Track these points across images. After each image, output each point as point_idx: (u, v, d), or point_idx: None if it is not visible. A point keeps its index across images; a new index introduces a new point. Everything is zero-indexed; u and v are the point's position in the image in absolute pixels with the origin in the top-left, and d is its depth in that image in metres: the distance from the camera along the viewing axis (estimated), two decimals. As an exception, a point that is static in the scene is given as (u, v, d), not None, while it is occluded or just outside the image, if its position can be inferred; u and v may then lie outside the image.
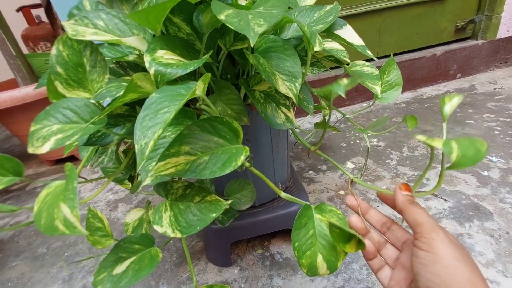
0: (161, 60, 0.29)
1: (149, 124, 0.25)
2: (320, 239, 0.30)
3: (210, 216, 0.29)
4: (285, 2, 0.25)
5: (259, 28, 0.22)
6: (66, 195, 0.26)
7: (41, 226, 0.26)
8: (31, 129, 0.31)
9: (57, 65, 0.32)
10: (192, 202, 0.31)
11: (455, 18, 1.28)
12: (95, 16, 0.32)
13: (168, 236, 0.30)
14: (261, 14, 0.25)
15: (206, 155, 0.28)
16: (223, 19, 0.24)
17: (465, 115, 1.02)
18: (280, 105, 0.34)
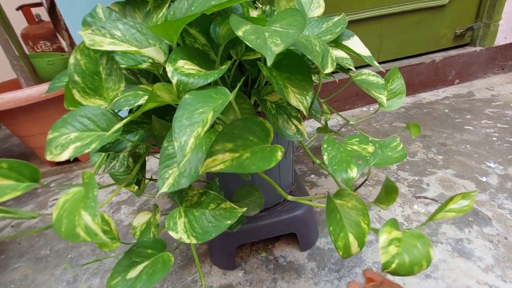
0: (183, 70, 0.30)
1: (186, 123, 0.26)
2: (346, 220, 0.30)
3: (225, 223, 0.30)
4: (301, 22, 0.26)
5: (276, 47, 0.23)
6: (87, 203, 0.27)
7: (62, 232, 0.27)
8: (49, 137, 0.31)
9: (74, 74, 0.33)
10: (207, 209, 0.32)
11: (454, 25, 1.30)
12: (112, 26, 0.32)
13: (183, 242, 0.30)
14: (278, 33, 0.26)
15: (247, 152, 0.29)
16: (241, 35, 0.25)
17: (463, 121, 1.03)
18: (291, 117, 0.35)
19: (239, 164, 0.29)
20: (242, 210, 0.30)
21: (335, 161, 0.32)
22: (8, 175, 0.31)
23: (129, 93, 0.32)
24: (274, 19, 0.31)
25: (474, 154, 0.85)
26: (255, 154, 0.30)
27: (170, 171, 0.30)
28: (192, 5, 0.31)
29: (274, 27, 0.27)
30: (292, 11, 0.29)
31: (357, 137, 0.35)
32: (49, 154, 0.30)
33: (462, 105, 1.16)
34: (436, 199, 0.71)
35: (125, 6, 0.43)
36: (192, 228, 0.31)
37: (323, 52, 0.32)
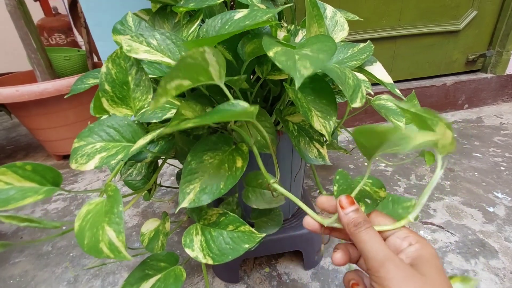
0: (209, 89, 0.30)
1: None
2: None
3: (243, 247, 0.30)
4: (332, 48, 0.26)
5: (305, 70, 0.24)
6: (112, 218, 0.27)
7: (85, 245, 0.27)
8: (75, 145, 0.32)
9: (105, 83, 0.33)
10: (225, 230, 0.32)
11: (467, 51, 1.31)
12: (150, 35, 0.33)
13: (199, 261, 0.30)
14: (308, 57, 0.26)
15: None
16: (272, 56, 0.26)
17: (471, 148, 1.03)
18: (313, 140, 0.35)
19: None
20: (261, 235, 0.30)
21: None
22: (31, 178, 0.31)
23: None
24: (304, 43, 0.31)
25: (482, 182, 0.85)
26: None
27: (192, 186, 0.30)
28: (226, 23, 0.32)
29: (305, 51, 0.28)
30: (323, 37, 0.29)
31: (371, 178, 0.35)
32: (75, 163, 0.31)
33: (470, 130, 1.16)
34: (442, 226, 0.70)
35: (154, 16, 0.43)
36: (209, 247, 0.31)
37: (355, 87, 0.32)
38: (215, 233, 0.32)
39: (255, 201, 0.37)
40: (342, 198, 0.26)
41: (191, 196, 0.30)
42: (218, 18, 0.32)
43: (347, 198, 0.26)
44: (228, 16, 0.32)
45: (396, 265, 0.21)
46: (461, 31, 1.25)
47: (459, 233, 0.68)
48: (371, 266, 0.22)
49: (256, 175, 0.37)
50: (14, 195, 0.30)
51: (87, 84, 0.49)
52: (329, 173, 0.94)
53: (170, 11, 0.45)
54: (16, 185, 0.31)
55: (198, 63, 0.21)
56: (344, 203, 0.25)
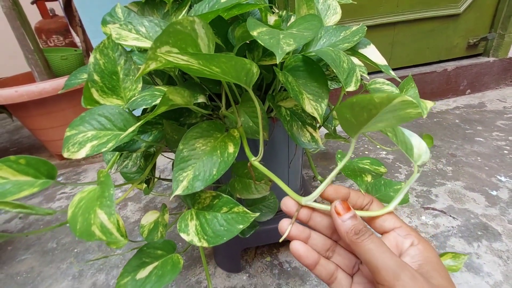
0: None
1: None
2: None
3: (237, 228, 0.30)
4: (316, 26, 0.25)
5: (287, 47, 0.23)
6: (103, 202, 0.27)
7: (77, 230, 0.27)
8: (67, 134, 0.32)
9: (94, 73, 0.33)
10: (219, 212, 0.32)
11: (467, 35, 1.29)
12: (138, 23, 0.33)
13: (194, 244, 0.30)
14: (292, 35, 0.26)
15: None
16: (255, 35, 0.25)
17: (474, 132, 1.02)
18: (306, 124, 0.35)
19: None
20: (255, 215, 0.30)
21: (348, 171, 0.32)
22: (26, 171, 0.31)
23: (146, 93, 0.33)
24: (292, 25, 0.31)
25: (485, 166, 0.84)
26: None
27: (185, 174, 0.30)
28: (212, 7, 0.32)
29: (291, 30, 0.28)
30: (310, 16, 0.29)
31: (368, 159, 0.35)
32: (66, 151, 0.31)
33: (473, 115, 1.15)
34: (444, 211, 0.70)
35: (143, 7, 0.43)
36: (204, 231, 0.31)
37: (349, 70, 0.32)
38: (209, 216, 0.32)
39: (240, 191, 0.37)
40: (337, 204, 0.23)
41: (185, 184, 0.30)
42: (205, 2, 0.32)
43: (343, 204, 0.23)
44: (214, 0, 0.31)
45: (411, 276, 0.19)
46: (461, 14, 1.22)
47: (462, 217, 0.68)
48: (383, 279, 0.20)
49: (243, 164, 0.37)
50: (10, 188, 0.30)
51: (80, 79, 0.49)
52: (329, 163, 0.94)
53: (159, 1, 0.44)
54: (12, 179, 0.31)
55: (187, 32, 0.20)
56: (340, 209, 0.23)
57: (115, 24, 0.34)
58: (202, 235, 0.31)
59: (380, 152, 0.96)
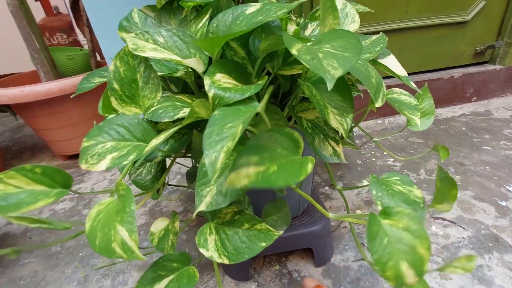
0: (220, 84, 0.29)
1: (216, 138, 0.25)
2: (397, 245, 0.27)
3: (260, 246, 0.29)
4: (357, 46, 0.25)
5: (335, 71, 0.22)
6: (124, 217, 0.26)
7: (96, 246, 0.26)
8: (85, 145, 0.31)
9: (114, 81, 0.32)
10: (240, 228, 0.31)
11: (475, 42, 1.28)
12: (156, 32, 0.32)
13: (214, 260, 0.30)
14: (332, 55, 0.25)
15: (274, 165, 0.28)
16: (296, 54, 0.25)
17: (481, 141, 1.02)
18: (328, 138, 0.34)
19: (265, 178, 0.28)
20: (278, 233, 0.30)
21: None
22: (41, 181, 0.31)
23: (167, 104, 0.32)
24: (321, 39, 0.30)
25: (494, 176, 0.83)
26: (283, 167, 0.29)
27: (208, 189, 0.29)
28: (237, 18, 0.31)
29: (325, 47, 0.27)
30: (342, 32, 0.28)
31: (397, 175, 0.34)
32: (85, 163, 0.30)
33: (479, 123, 1.14)
34: (454, 221, 0.69)
35: (160, 13, 0.42)
36: (224, 247, 0.30)
37: (377, 86, 0.31)
38: (230, 232, 0.31)
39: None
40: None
41: (208, 199, 0.29)
42: (229, 12, 0.31)
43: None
44: (239, 11, 0.30)
45: None
46: (469, 22, 1.22)
47: (472, 228, 0.67)
48: None
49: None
50: (25, 198, 0.29)
51: (93, 83, 0.48)
52: (336, 169, 0.93)
53: (176, 6, 0.44)
54: (27, 188, 0.30)
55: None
56: None
57: (130, 34, 0.33)
58: (223, 251, 0.30)
59: (388, 159, 0.96)
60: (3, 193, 0.29)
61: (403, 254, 0.27)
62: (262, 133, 0.30)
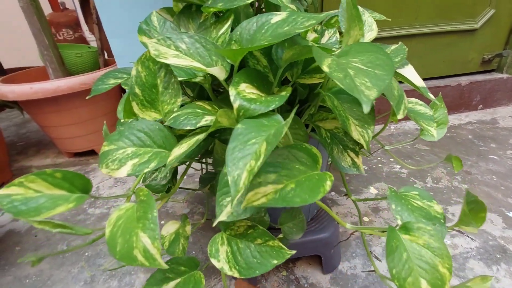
0: (245, 95, 0.29)
1: (239, 155, 0.25)
2: (417, 261, 0.27)
3: (271, 263, 0.29)
4: (388, 63, 0.24)
5: (369, 92, 0.22)
6: (146, 224, 0.26)
7: (117, 252, 0.26)
8: (105, 149, 0.31)
9: (136, 86, 0.32)
10: (252, 243, 0.31)
11: (483, 50, 1.28)
12: (178, 38, 0.32)
13: (225, 272, 0.29)
14: (364, 72, 0.24)
15: (292, 183, 0.28)
16: (327, 71, 0.24)
17: (488, 150, 1.01)
18: (347, 149, 0.34)
19: (282, 197, 0.27)
20: (291, 253, 0.29)
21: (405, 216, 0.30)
22: (61, 185, 0.30)
23: (189, 111, 0.32)
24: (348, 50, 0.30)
25: (501, 186, 0.83)
26: (300, 185, 0.29)
27: (228, 199, 0.29)
28: (262, 27, 0.31)
29: (354, 62, 0.26)
30: (371, 45, 0.28)
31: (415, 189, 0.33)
32: (105, 168, 0.30)
33: (486, 132, 1.14)
34: (462, 231, 0.69)
35: (179, 17, 0.42)
36: (236, 260, 0.30)
37: (399, 98, 0.31)
38: (242, 245, 0.31)
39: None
40: None
41: (229, 209, 0.29)
42: (253, 20, 0.31)
43: None
44: (264, 19, 0.30)
45: None
46: (478, 30, 1.22)
47: (479, 238, 0.67)
48: None
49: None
50: (45, 203, 0.29)
51: (108, 85, 0.48)
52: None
53: (195, 10, 0.43)
54: (46, 192, 0.30)
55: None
56: None
57: (152, 39, 0.33)
58: (234, 264, 0.30)
59: (394, 166, 0.95)
60: (23, 197, 0.29)
61: (423, 272, 0.27)
62: (280, 149, 0.30)
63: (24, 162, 1.11)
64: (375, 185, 0.87)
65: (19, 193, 0.29)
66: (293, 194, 0.28)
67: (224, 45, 0.35)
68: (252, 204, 0.28)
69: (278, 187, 0.28)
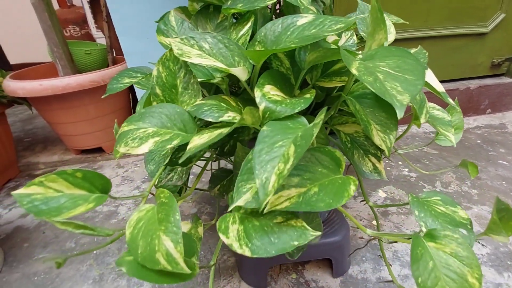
0: (270, 97, 0.29)
1: (266, 158, 0.24)
2: (444, 270, 0.26)
3: (291, 244, 0.27)
4: (418, 68, 0.24)
5: (401, 96, 0.22)
6: (169, 227, 0.26)
7: (139, 255, 0.26)
8: (124, 129, 0.30)
9: (156, 86, 0.32)
10: (271, 221, 0.29)
11: (493, 54, 1.27)
12: (201, 38, 0.32)
13: (234, 250, 0.28)
14: (393, 77, 0.24)
15: (315, 187, 0.27)
16: (356, 74, 0.24)
17: (497, 155, 1.01)
18: (369, 154, 0.34)
19: (305, 201, 0.27)
20: (316, 234, 0.28)
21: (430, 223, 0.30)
22: (82, 185, 0.30)
23: (213, 102, 0.31)
24: (373, 54, 0.29)
25: (510, 192, 0.82)
26: (324, 189, 0.28)
27: (249, 185, 0.28)
28: (287, 29, 0.30)
29: (382, 66, 0.26)
30: (398, 50, 0.28)
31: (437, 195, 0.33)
32: (124, 146, 0.29)
33: (495, 137, 1.13)
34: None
35: (197, 17, 0.42)
36: (249, 237, 0.27)
37: (421, 102, 0.30)
38: (258, 223, 0.29)
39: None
40: None
41: (248, 196, 0.28)
42: (278, 22, 0.30)
43: None
44: (289, 21, 0.30)
45: None
46: (488, 33, 1.21)
47: (490, 245, 0.66)
48: None
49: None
50: (65, 203, 0.29)
51: (123, 84, 0.47)
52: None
53: (212, 10, 0.43)
54: (66, 192, 0.30)
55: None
56: None
57: (175, 39, 0.33)
58: (246, 242, 0.27)
59: (403, 169, 0.95)
60: (43, 197, 0.29)
61: (451, 282, 0.26)
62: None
63: (31, 158, 1.11)
64: (383, 188, 0.87)
65: (39, 193, 0.29)
66: (317, 198, 0.27)
67: (244, 46, 0.35)
68: (276, 207, 0.27)
69: (302, 190, 0.28)
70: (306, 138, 0.24)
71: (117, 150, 0.30)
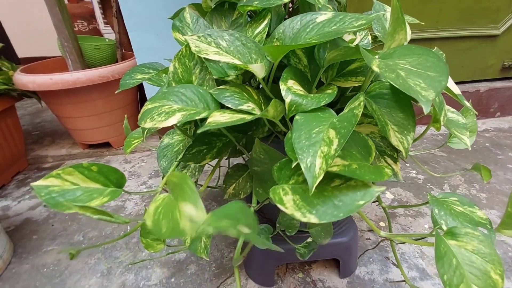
0: (294, 90, 0.29)
1: (306, 143, 0.25)
2: (467, 268, 0.26)
3: (356, 203, 0.25)
4: (440, 65, 0.24)
5: (426, 92, 0.22)
6: (186, 196, 0.25)
7: (163, 234, 0.26)
8: (148, 107, 0.30)
9: (173, 82, 0.32)
10: (328, 185, 0.27)
11: (503, 57, 1.26)
12: (219, 36, 0.32)
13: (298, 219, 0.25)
14: (415, 73, 0.24)
15: (355, 164, 0.27)
16: (377, 70, 0.24)
17: (506, 158, 1.00)
18: (385, 155, 0.33)
19: (351, 171, 0.26)
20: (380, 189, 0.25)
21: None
22: (97, 179, 0.31)
23: (236, 89, 0.31)
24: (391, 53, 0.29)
25: (520, 196, 0.81)
26: (362, 167, 0.27)
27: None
28: (306, 26, 0.30)
29: (402, 64, 0.26)
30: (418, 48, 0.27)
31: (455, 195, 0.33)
32: (150, 121, 0.29)
33: (503, 140, 1.12)
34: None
35: (212, 14, 0.42)
36: (310, 205, 0.26)
37: (440, 104, 0.30)
38: (316, 190, 0.27)
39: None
40: None
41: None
42: (297, 19, 0.30)
43: None
44: (308, 18, 0.30)
45: None
46: (499, 36, 1.19)
47: (499, 249, 0.66)
48: None
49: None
50: (81, 196, 0.29)
51: (135, 80, 0.48)
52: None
53: (227, 8, 0.43)
54: (82, 185, 0.30)
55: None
56: None
57: (193, 36, 0.33)
58: (308, 210, 0.25)
59: (410, 171, 0.94)
60: (60, 189, 0.29)
61: (475, 278, 0.26)
62: None
63: (40, 151, 1.12)
64: (391, 190, 0.86)
65: (56, 185, 0.29)
66: (360, 172, 0.26)
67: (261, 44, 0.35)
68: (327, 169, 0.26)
69: (345, 163, 0.28)
70: (348, 120, 0.24)
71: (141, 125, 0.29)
